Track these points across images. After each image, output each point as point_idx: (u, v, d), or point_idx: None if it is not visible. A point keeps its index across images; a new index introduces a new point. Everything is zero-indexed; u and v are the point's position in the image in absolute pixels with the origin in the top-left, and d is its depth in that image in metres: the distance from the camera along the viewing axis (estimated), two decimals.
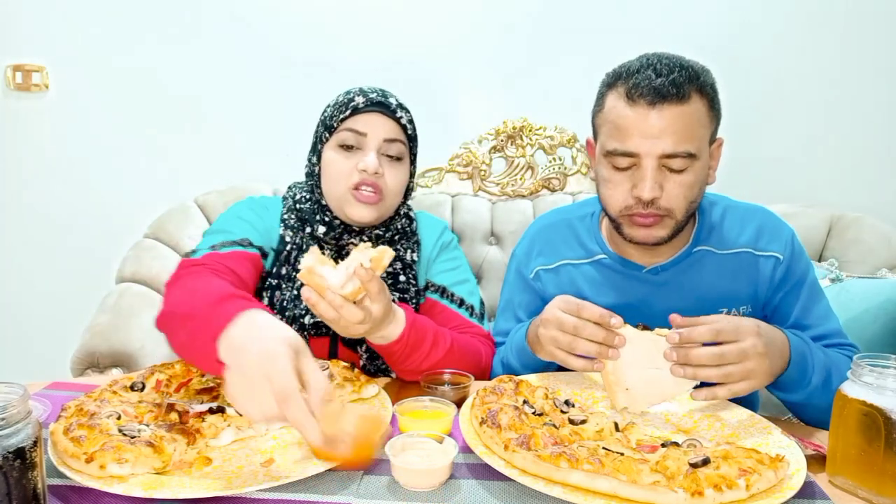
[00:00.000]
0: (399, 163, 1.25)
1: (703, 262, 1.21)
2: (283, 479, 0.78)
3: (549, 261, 1.31)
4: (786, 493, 0.75)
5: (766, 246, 1.21)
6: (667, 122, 1.05)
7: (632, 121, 1.07)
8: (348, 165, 1.21)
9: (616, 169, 1.11)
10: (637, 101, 1.06)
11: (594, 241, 1.28)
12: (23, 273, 2.36)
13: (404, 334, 1.07)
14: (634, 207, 1.11)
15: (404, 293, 1.27)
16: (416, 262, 1.31)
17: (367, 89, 1.25)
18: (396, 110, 1.24)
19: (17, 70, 2.22)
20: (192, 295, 0.95)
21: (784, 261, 1.20)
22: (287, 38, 2.24)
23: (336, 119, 1.23)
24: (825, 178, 2.21)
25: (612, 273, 1.25)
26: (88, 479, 0.76)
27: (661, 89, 1.05)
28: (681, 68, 1.07)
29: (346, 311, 0.94)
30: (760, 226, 1.23)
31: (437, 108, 2.25)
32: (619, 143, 1.08)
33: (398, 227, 1.30)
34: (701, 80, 1.08)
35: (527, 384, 1.03)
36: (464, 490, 0.81)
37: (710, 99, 1.09)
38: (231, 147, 2.28)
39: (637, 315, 1.19)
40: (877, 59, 2.16)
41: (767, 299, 1.21)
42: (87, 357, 1.66)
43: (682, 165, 1.07)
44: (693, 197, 1.12)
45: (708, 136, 1.11)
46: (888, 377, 0.80)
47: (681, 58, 1.10)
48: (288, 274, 1.25)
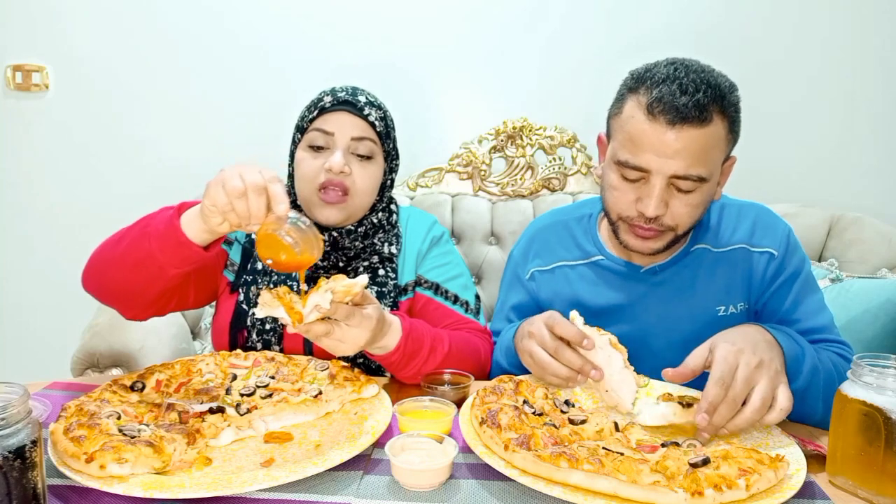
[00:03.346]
0: (369, 161, 1.24)
1: (700, 260, 1.21)
2: (283, 479, 0.78)
3: (545, 262, 1.30)
4: (786, 493, 0.75)
5: (760, 241, 1.20)
6: (683, 145, 1.02)
7: (648, 136, 1.04)
8: (316, 165, 1.21)
9: (624, 179, 1.10)
10: (657, 116, 1.03)
11: (591, 243, 1.28)
12: (23, 273, 2.36)
13: (400, 344, 1.07)
14: (636, 219, 1.10)
15: (382, 286, 1.26)
16: (396, 255, 1.31)
17: (338, 88, 1.25)
18: (364, 108, 1.23)
19: (17, 70, 2.23)
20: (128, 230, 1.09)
21: (778, 256, 1.19)
22: (288, 39, 2.24)
23: (306, 120, 1.24)
24: (825, 178, 2.22)
25: (609, 274, 1.24)
26: (88, 479, 0.76)
27: (683, 110, 1.01)
28: (707, 87, 1.02)
29: (311, 333, 0.95)
30: (755, 222, 1.22)
31: (437, 107, 2.25)
32: (631, 156, 1.06)
33: (373, 222, 1.29)
34: (726, 100, 1.04)
35: (527, 384, 1.03)
36: (464, 490, 0.81)
37: (731, 120, 1.06)
38: (231, 147, 2.28)
39: (633, 314, 1.20)
40: (877, 60, 2.16)
41: (759, 294, 1.21)
42: (87, 357, 1.66)
43: (691, 187, 1.06)
44: (697, 215, 1.11)
45: (722, 158, 1.09)
46: (888, 377, 0.80)
47: (709, 73, 1.06)
48: (263, 269, 1.27)
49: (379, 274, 1.27)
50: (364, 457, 0.88)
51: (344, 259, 1.27)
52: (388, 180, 1.32)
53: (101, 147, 2.29)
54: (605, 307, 1.23)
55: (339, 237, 1.25)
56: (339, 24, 2.22)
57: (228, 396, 1.01)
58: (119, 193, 2.29)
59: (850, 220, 2.02)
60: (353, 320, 0.96)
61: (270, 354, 1.15)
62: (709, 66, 1.08)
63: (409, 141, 1.63)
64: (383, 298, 1.26)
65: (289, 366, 1.11)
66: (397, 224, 1.34)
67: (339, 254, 1.27)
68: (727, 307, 1.19)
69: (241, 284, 1.27)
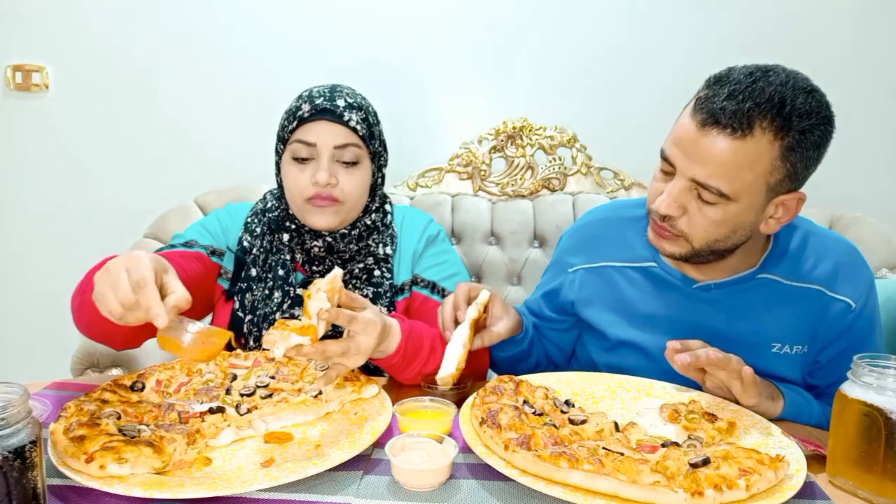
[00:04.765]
0: (355, 167, 1.23)
1: (765, 290, 1.12)
2: (283, 479, 0.78)
3: (591, 259, 1.24)
4: (786, 493, 0.75)
5: (840, 288, 1.11)
6: (707, 150, 0.95)
7: (682, 132, 0.99)
8: (303, 178, 1.21)
9: (662, 171, 1.05)
10: (696, 115, 0.97)
11: (645, 246, 1.19)
12: (23, 273, 2.36)
13: (401, 346, 1.07)
14: (656, 214, 1.05)
15: (378, 287, 1.26)
16: (392, 255, 1.31)
17: (316, 93, 1.22)
18: (344, 113, 1.20)
19: (17, 70, 2.22)
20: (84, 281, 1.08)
21: (856, 310, 1.10)
22: (287, 39, 2.23)
23: (286, 130, 1.23)
24: (825, 178, 2.21)
25: (658, 282, 1.18)
26: (88, 479, 0.76)
27: (719, 115, 0.94)
28: (764, 99, 0.93)
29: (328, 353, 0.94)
30: (839, 263, 1.12)
31: (437, 107, 2.25)
32: (666, 146, 1.03)
33: (366, 223, 1.29)
34: (785, 120, 0.93)
35: (527, 384, 1.03)
36: (464, 490, 0.81)
37: (787, 146, 0.95)
38: (231, 147, 2.28)
39: (678, 328, 1.12)
40: (877, 59, 2.16)
41: (826, 346, 1.12)
42: (87, 357, 1.66)
43: (713, 200, 0.98)
44: (719, 236, 1.02)
45: (763, 184, 0.97)
46: (888, 377, 0.80)
47: (784, 86, 0.94)
48: (258, 275, 1.26)
49: (374, 275, 1.27)
50: (364, 457, 0.88)
51: (339, 262, 1.28)
52: (379, 178, 1.31)
53: (101, 147, 2.28)
54: (650, 317, 1.17)
55: (334, 241, 1.26)
56: (339, 24, 2.22)
57: (228, 396, 1.01)
58: (119, 194, 2.29)
59: (850, 220, 2.02)
60: (356, 325, 0.96)
61: (271, 354, 1.14)
62: (802, 80, 0.97)
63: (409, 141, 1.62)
64: (380, 299, 1.26)
65: (289, 366, 1.11)
66: (392, 224, 1.34)
67: (335, 257, 1.27)
68: (783, 346, 1.11)
69: (235, 292, 1.27)
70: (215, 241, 1.30)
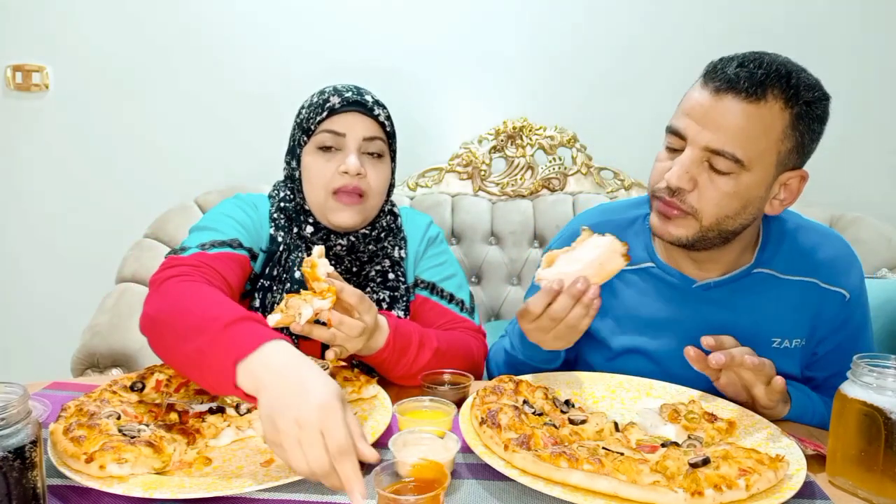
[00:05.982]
0: (380, 160, 1.23)
1: (763, 285, 1.12)
2: (283, 479, 0.78)
3: None
4: (786, 493, 0.75)
5: (834, 280, 1.12)
6: (723, 115, 0.97)
7: (693, 101, 1.00)
8: (329, 168, 1.19)
9: (667, 148, 1.05)
10: (708, 83, 1.00)
11: (643, 248, 1.19)
12: (23, 273, 2.36)
13: (389, 341, 1.07)
14: (662, 191, 1.03)
15: (394, 291, 1.26)
16: (405, 258, 1.30)
17: (342, 88, 1.22)
18: (374, 108, 1.21)
19: (17, 70, 2.23)
20: (191, 304, 0.92)
21: (850, 301, 1.12)
22: (287, 39, 2.24)
23: (313, 121, 1.20)
24: (825, 178, 2.21)
25: (659, 284, 1.17)
26: (88, 479, 0.76)
27: (734, 79, 0.96)
28: (773, 69, 0.96)
29: (345, 327, 0.96)
30: (833, 256, 1.13)
31: (437, 108, 2.25)
32: (674, 120, 1.03)
33: (384, 225, 1.28)
34: (793, 89, 0.97)
35: (527, 384, 1.03)
36: (464, 490, 0.81)
37: (796, 115, 0.98)
38: (231, 147, 2.28)
39: (680, 330, 1.12)
40: (877, 60, 2.17)
41: (823, 338, 1.13)
42: (87, 357, 1.66)
43: (727, 168, 0.98)
44: (728, 211, 1.02)
45: (775, 153, 0.99)
46: (888, 377, 0.80)
47: (787, 63, 0.99)
48: (279, 276, 1.22)
49: (389, 278, 1.27)
50: None
51: (357, 264, 1.26)
52: (393, 180, 1.32)
53: (102, 147, 2.29)
54: (651, 318, 1.16)
55: (357, 241, 1.24)
56: (339, 23, 2.22)
57: (228, 396, 1.00)
58: (119, 193, 2.29)
59: (850, 220, 2.02)
60: (364, 304, 0.99)
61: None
62: (799, 65, 1.01)
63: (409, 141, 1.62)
64: (397, 303, 1.25)
65: None
66: (402, 228, 1.34)
67: (353, 258, 1.26)
68: (783, 340, 1.12)
69: (257, 289, 1.22)
70: (251, 241, 1.21)
